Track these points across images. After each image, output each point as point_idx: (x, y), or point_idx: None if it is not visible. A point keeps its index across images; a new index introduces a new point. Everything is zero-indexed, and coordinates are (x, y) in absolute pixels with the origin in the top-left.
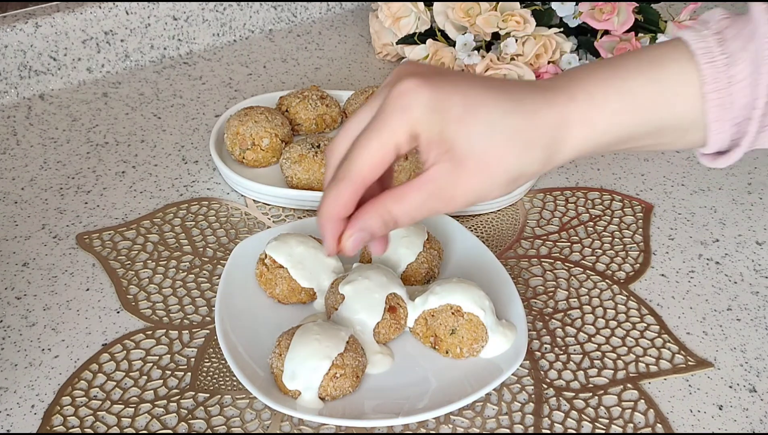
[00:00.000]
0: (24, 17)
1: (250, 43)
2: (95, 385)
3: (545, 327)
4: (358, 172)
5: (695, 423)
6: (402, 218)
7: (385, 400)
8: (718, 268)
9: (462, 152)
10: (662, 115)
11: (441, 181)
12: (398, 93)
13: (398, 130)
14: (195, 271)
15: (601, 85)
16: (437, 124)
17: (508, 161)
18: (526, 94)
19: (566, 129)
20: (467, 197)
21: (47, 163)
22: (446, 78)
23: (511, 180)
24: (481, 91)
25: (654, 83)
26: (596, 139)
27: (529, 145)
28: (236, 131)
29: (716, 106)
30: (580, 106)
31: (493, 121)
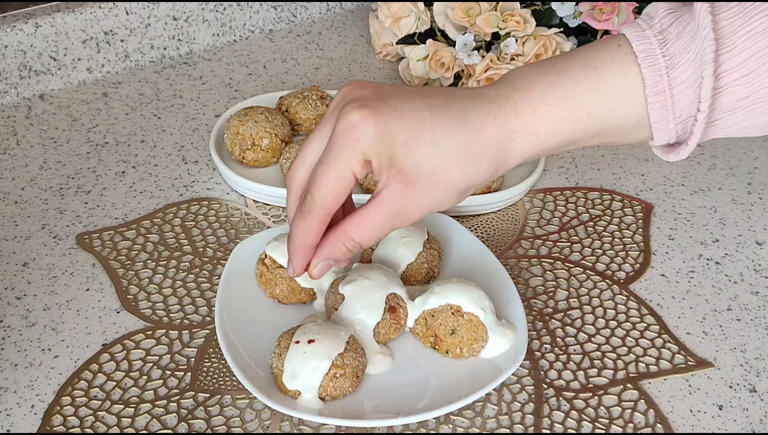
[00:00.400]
0: (24, 17)
1: (250, 43)
2: (95, 385)
3: (545, 327)
4: (322, 204)
5: (695, 423)
6: (364, 241)
7: (385, 400)
8: (718, 268)
9: (411, 174)
10: (605, 119)
11: (395, 202)
12: (346, 126)
13: (352, 160)
14: (195, 271)
15: (543, 95)
16: (385, 151)
17: (457, 177)
18: (469, 109)
19: (511, 141)
20: (421, 211)
21: (47, 163)
22: (390, 103)
23: (461, 192)
24: (425, 114)
25: (596, 89)
26: (540, 146)
27: (476, 160)
28: (236, 131)
29: (658, 108)
30: (522, 118)
31: (438, 142)
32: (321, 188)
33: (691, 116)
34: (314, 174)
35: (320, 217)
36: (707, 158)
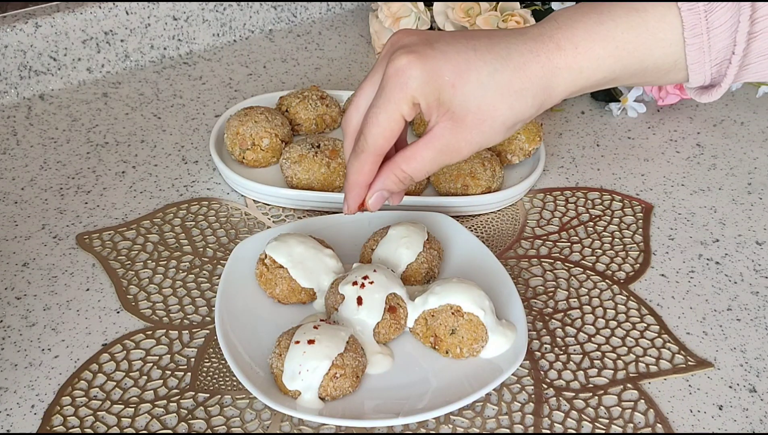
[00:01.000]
0: (24, 17)
1: (250, 43)
2: (95, 385)
3: (545, 327)
4: (374, 144)
5: (695, 423)
6: (416, 174)
7: (385, 400)
8: (718, 268)
9: (459, 112)
10: (644, 58)
11: (445, 138)
12: (394, 71)
13: (401, 102)
14: (195, 271)
15: (585, 33)
16: (433, 92)
17: (503, 113)
18: (512, 48)
19: (554, 76)
20: (471, 147)
21: (47, 163)
22: (435, 47)
23: (508, 127)
24: (469, 54)
25: (637, 29)
26: (583, 82)
27: (521, 96)
28: (236, 131)
29: (695, 51)
30: (565, 55)
31: (482, 81)
32: (372, 130)
33: (726, 59)
34: (366, 116)
35: (372, 157)
36: (707, 158)
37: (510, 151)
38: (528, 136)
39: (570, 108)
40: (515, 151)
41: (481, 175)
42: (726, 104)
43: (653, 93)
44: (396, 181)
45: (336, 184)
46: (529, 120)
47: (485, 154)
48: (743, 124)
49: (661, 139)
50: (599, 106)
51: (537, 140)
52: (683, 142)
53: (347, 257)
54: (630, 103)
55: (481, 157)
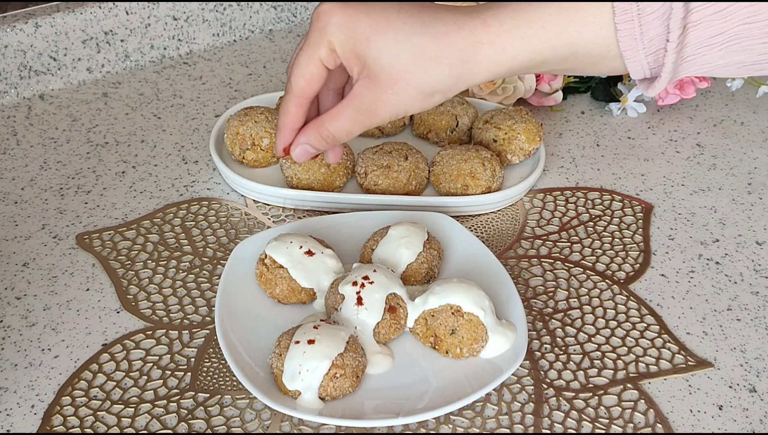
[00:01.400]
0: (24, 17)
1: (250, 43)
2: (95, 385)
3: (545, 327)
4: (296, 85)
5: (695, 423)
6: (337, 133)
7: (385, 400)
8: (718, 268)
9: (374, 68)
10: (573, 42)
11: (363, 96)
12: (316, 15)
13: (318, 46)
14: (195, 271)
15: (513, 12)
16: (348, 41)
17: (417, 76)
18: (438, 18)
19: (476, 50)
20: (388, 110)
21: (47, 163)
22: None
23: (424, 94)
24: (392, 14)
25: (566, 11)
26: (508, 61)
27: (436, 62)
28: (236, 131)
29: (627, 37)
30: (489, 31)
31: (398, 40)
32: (294, 71)
33: (661, 48)
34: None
35: (295, 99)
36: (707, 158)
37: (510, 151)
38: (528, 136)
39: (570, 108)
40: (515, 151)
41: (481, 175)
42: (726, 104)
43: None
44: (318, 138)
45: (336, 184)
46: (449, 93)
47: (485, 154)
48: (743, 124)
49: (661, 139)
50: (599, 106)
51: (537, 140)
52: (683, 142)
53: (347, 257)
54: (630, 103)
55: (481, 157)
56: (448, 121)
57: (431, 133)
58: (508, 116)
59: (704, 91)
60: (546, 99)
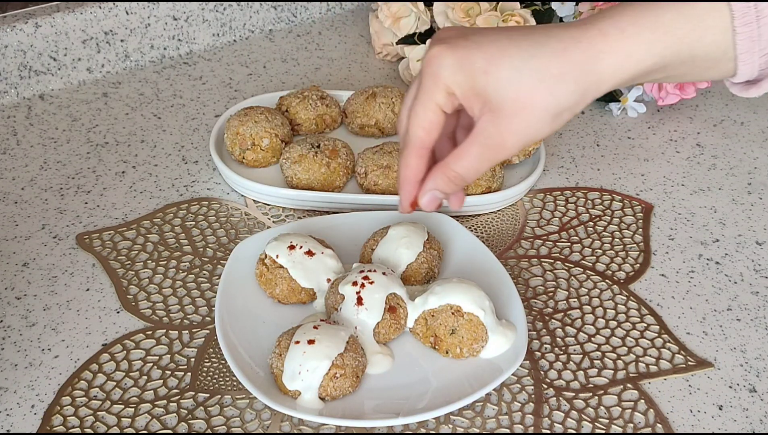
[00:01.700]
0: (24, 17)
1: (250, 43)
2: (95, 385)
3: (545, 327)
4: (415, 136)
5: (695, 423)
6: (465, 173)
7: (385, 400)
8: (718, 268)
9: (496, 100)
10: (694, 45)
11: (488, 132)
12: (427, 62)
13: (434, 92)
14: (195, 271)
15: (632, 19)
16: (466, 80)
17: (543, 98)
18: (551, 35)
19: (598, 60)
20: (517, 140)
21: (47, 163)
22: (470, 38)
23: (553, 116)
24: (504, 42)
25: (686, 15)
26: (633, 67)
27: (560, 80)
28: (236, 131)
29: (745, 40)
30: (610, 40)
31: (516, 66)
32: (412, 124)
33: None
34: (409, 113)
35: (415, 150)
36: (707, 158)
37: None
38: None
39: None
40: None
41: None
42: (726, 104)
43: (653, 93)
44: (446, 180)
45: (336, 184)
46: (576, 109)
47: None
48: (743, 124)
49: (661, 139)
50: (599, 106)
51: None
52: (683, 142)
53: (347, 257)
54: (630, 103)
55: None
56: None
57: None
58: None
59: (704, 91)
60: None
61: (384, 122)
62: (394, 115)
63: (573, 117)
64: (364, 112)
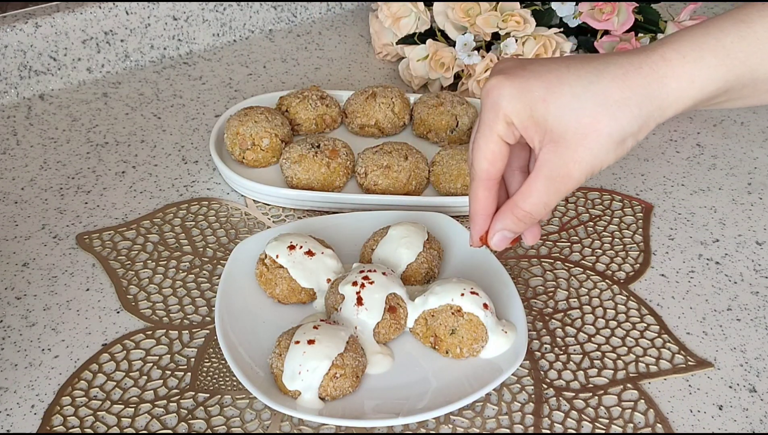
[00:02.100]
0: (24, 17)
1: (250, 43)
2: (95, 385)
3: (545, 327)
4: (479, 169)
5: (695, 423)
6: (534, 209)
7: (385, 400)
8: (718, 268)
9: (557, 130)
10: (756, 68)
11: (551, 163)
12: (486, 93)
13: (494, 124)
14: (195, 271)
15: (692, 44)
16: (525, 109)
17: (607, 124)
18: (611, 62)
19: (661, 85)
20: (582, 170)
21: (47, 163)
22: (528, 68)
23: (617, 142)
24: (562, 70)
25: (747, 39)
26: (696, 93)
27: (623, 105)
28: (236, 131)
29: None
30: (672, 65)
31: (577, 93)
32: (475, 155)
33: None
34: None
35: (482, 183)
36: (707, 158)
37: None
38: None
39: None
40: None
41: None
42: None
43: None
44: (515, 220)
45: (336, 184)
46: (640, 135)
47: None
48: (743, 124)
49: (661, 139)
50: None
51: None
52: (683, 142)
53: (347, 257)
54: None
55: None
56: (448, 121)
57: (431, 133)
58: None
59: None
60: None
61: (384, 122)
62: (394, 115)
63: (636, 143)
64: (364, 112)
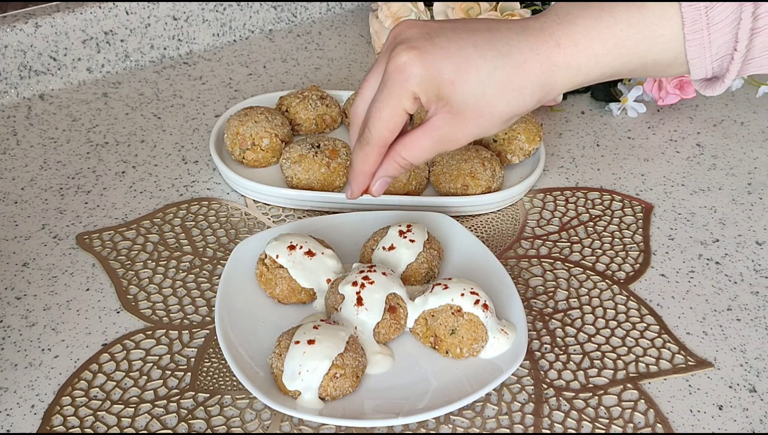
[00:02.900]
0: (24, 17)
1: (250, 43)
2: (95, 385)
3: (545, 327)
4: (378, 136)
5: (695, 423)
6: (415, 160)
7: (385, 400)
8: (718, 268)
9: (458, 106)
10: (644, 54)
11: (443, 130)
12: (395, 67)
13: (402, 98)
14: (195, 271)
15: (585, 31)
16: (433, 89)
17: (500, 109)
18: (513, 44)
19: (553, 74)
20: (467, 138)
21: (47, 163)
22: (436, 43)
23: (504, 121)
24: (469, 51)
25: (637, 26)
26: (581, 79)
27: (519, 93)
28: (236, 131)
29: (696, 46)
30: (564, 53)
31: (481, 79)
32: (376, 123)
33: (728, 54)
34: (370, 110)
35: (377, 149)
36: (707, 158)
37: (510, 151)
38: (528, 136)
39: (570, 108)
40: (515, 151)
41: (481, 175)
42: (726, 104)
43: (653, 93)
44: (397, 167)
45: (336, 184)
46: (525, 114)
47: (485, 154)
48: (743, 124)
49: (661, 139)
50: (599, 106)
51: (537, 140)
52: (683, 142)
53: (347, 257)
54: (630, 103)
55: (481, 157)
56: None
57: None
58: None
59: None
60: None
61: None
62: None
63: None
64: None
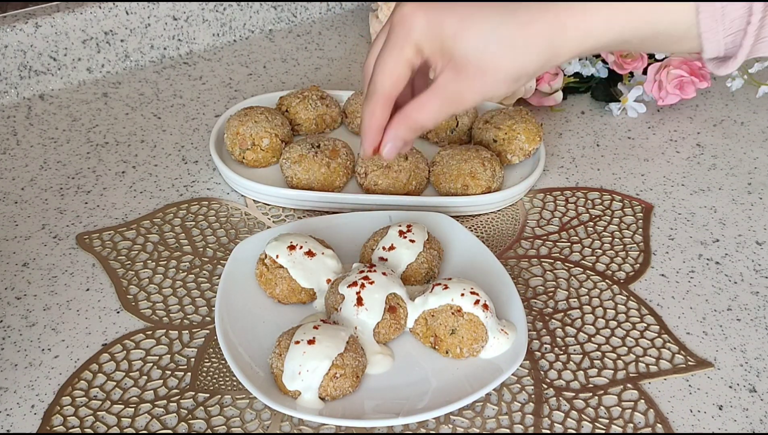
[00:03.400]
0: (24, 17)
1: (250, 43)
2: (95, 385)
3: (545, 327)
4: (382, 87)
5: (695, 423)
6: (426, 122)
7: (385, 400)
8: (718, 268)
9: (461, 62)
10: (655, 23)
11: (449, 88)
12: (399, 18)
13: (405, 48)
14: (195, 271)
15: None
16: (436, 40)
17: (505, 66)
18: (521, 5)
19: (562, 35)
20: (476, 98)
21: (47, 163)
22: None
23: (511, 79)
24: (475, 7)
25: None
26: (592, 43)
27: (524, 50)
28: (236, 131)
29: (708, 18)
30: (574, 14)
31: (485, 33)
32: (380, 75)
33: (741, 29)
34: (375, 62)
35: (381, 100)
36: (707, 158)
37: (510, 151)
38: (528, 136)
39: (570, 108)
40: (515, 151)
41: (481, 175)
42: (726, 104)
43: (653, 93)
44: (407, 129)
45: (336, 184)
46: (535, 75)
47: (485, 154)
48: (743, 124)
49: (661, 139)
50: (599, 106)
51: (537, 140)
52: (683, 142)
53: (347, 257)
54: (630, 103)
55: (481, 157)
56: (448, 121)
57: (431, 133)
58: (508, 116)
59: (704, 91)
60: (546, 99)
61: None
62: None
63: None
64: None
